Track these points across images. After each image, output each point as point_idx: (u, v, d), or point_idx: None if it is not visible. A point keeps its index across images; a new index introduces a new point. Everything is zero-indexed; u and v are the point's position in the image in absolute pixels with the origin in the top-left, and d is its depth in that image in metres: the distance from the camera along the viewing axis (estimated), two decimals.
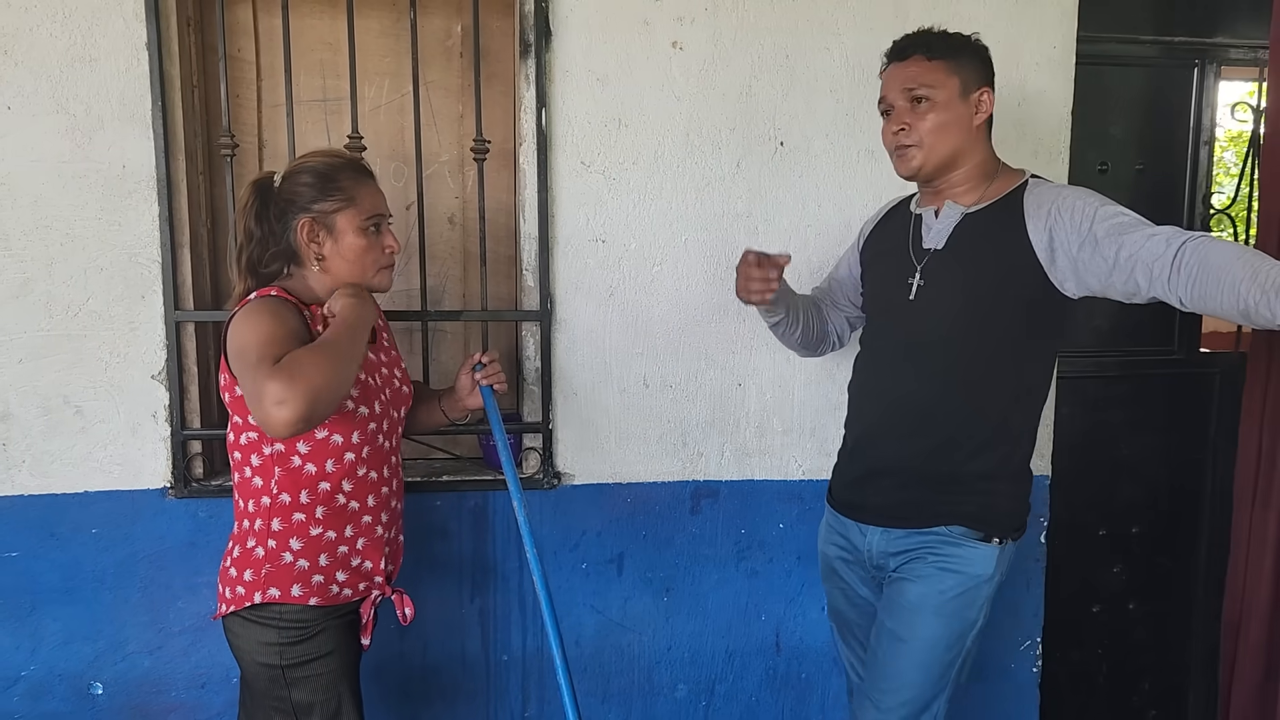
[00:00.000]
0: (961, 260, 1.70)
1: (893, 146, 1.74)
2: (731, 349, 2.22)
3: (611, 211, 2.15)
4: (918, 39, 1.72)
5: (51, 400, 2.01)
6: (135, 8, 1.94)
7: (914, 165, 1.72)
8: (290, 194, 1.64)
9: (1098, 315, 2.58)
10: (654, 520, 2.25)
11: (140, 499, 2.07)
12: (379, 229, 1.69)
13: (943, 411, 1.71)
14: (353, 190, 1.65)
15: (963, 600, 1.71)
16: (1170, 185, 2.59)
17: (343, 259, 1.65)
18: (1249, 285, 1.36)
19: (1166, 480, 2.71)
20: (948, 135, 1.69)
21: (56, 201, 1.97)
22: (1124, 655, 2.76)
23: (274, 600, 1.60)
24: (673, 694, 2.32)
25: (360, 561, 1.68)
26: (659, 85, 2.12)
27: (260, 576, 1.61)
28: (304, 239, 1.63)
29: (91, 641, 2.09)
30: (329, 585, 1.64)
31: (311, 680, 1.62)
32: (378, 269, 1.69)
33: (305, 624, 1.62)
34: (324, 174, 1.64)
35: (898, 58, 1.73)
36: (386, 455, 1.73)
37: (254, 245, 1.66)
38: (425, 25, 2.19)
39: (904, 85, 1.70)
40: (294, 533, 1.62)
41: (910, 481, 1.75)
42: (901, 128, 1.71)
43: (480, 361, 1.90)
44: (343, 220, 1.64)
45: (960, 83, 1.68)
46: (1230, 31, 2.51)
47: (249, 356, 1.47)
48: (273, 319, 1.52)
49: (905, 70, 1.70)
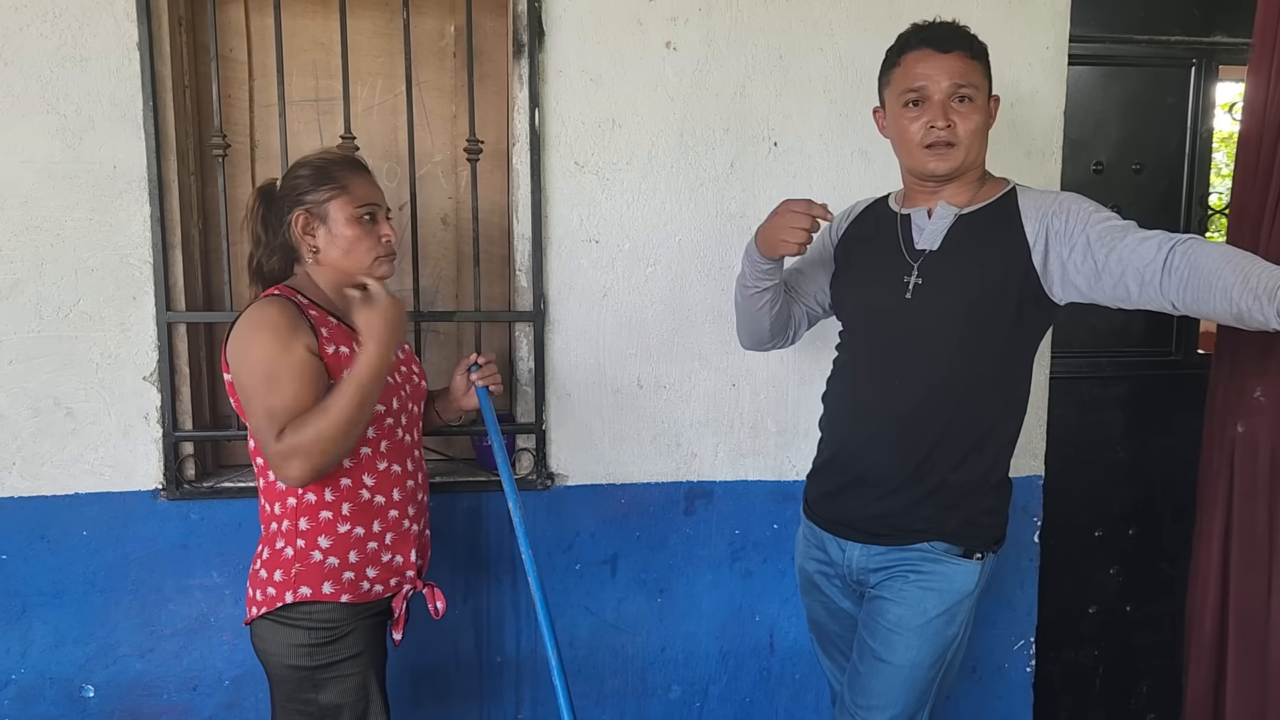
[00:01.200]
0: (958, 261, 1.66)
1: (926, 141, 1.64)
2: (725, 349, 2.21)
3: (605, 212, 2.14)
4: (957, 32, 1.64)
5: (42, 402, 2.01)
6: (126, 7, 1.94)
7: (955, 163, 1.64)
8: (286, 190, 1.66)
9: (1093, 316, 2.56)
10: (648, 521, 2.25)
11: (131, 501, 2.06)
12: (374, 218, 1.67)
13: (933, 418, 1.66)
14: (345, 180, 1.65)
15: (944, 618, 1.68)
16: (1167, 186, 2.59)
17: (337, 249, 1.64)
18: (1241, 290, 1.35)
19: (1164, 482, 2.70)
20: (982, 138, 1.66)
21: (47, 202, 1.96)
22: (1122, 657, 2.75)
23: (305, 599, 1.60)
24: (667, 695, 2.32)
25: (390, 556, 1.69)
26: (652, 85, 2.12)
27: (290, 576, 1.60)
28: (299, 231, 1.64)
29: (82, 644, 2.08)
30: (360, 581, 1.64)
31: (340, 681, 1.62)
32: (374, 259, 1.67)
33: (335, 624, 1.61)
34: (319, 167, 1.66)
35: (939, 47, 1.62)
36: (409, 449, 1.74)
37: (263, 251, 1.68)
38: (418, 25, 2.18)
39: (953, 78, 1.61)
40: (322, 530, 1.62)
41: (894, 492, 1.69)
42: (949, 124, 1.61)
43: (476, 363, 1.89)
44: (335, 209, 1.64)
45: (988, 87, 1.66)
46: (1226, 30, 2.50)
47: (249, 389, 1.53)
48: (274, 340, 1.53)
49: (951, 63, 1.61)
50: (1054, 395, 2.39)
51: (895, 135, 1.72)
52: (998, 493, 1.74)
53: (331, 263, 1.66)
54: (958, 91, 1.62)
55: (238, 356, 1.57)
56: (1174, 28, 2.50)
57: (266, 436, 1.52)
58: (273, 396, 1.52)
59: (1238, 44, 2.50)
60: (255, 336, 1.54)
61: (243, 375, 1.55)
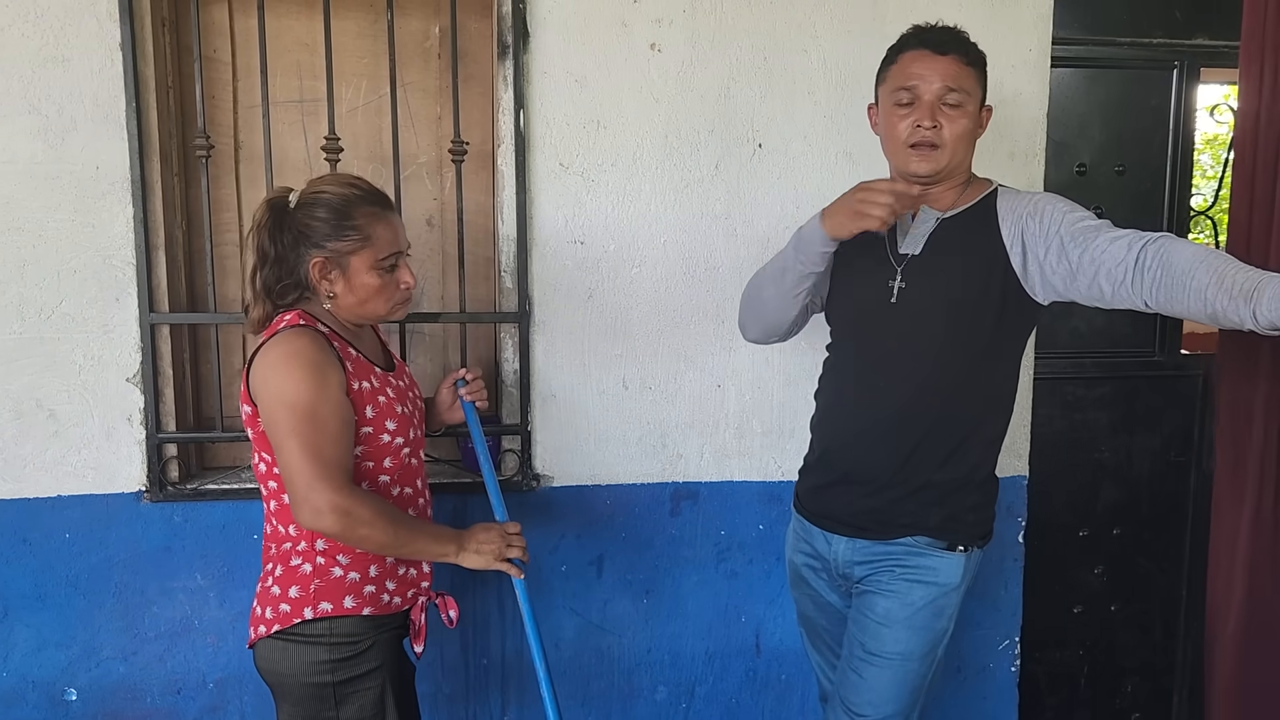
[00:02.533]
0: (941, 265, 1.68)
1: (912, 140, 1.65)
2: (711, 350, 2.22)
3: (590, 213, 2.14)
4: (956, 36, 1.65)
5: (24, 404, 1.99)
6: (109, 8, 1.93)
7: (937, 165, 1.65)
8: (304, 226, 1.58)
9: (1077, 316, 2.59)
10: (633, 522, 2.25)
11: (115, 503, 2.05)
12: (395, 266, 1.64)
13: (917, 418, 1.69)
14: (369, 228, 1.59)
15: (931, 610, 1.70)
16: (1150, 187, 2.60)
17: (355, 297, 1.61)
18: (1215, 291, 1.37)
19: (1148, 482, 2.71)
20: (966, 144, 1.67)
21: (28, 203, 1.95)
22: (1107, 656, 2.76)
23: (326, 615, 1.57)
24: (653, 696, 2.32)
25: (406, 569, 1.69)
26: (637, 87, 2.12)
27: (309, 592, 1.58)
28: (316, 276, 1.59)
29: (64, 648, 2.07)
30: (380, 594, 1.63)
31: (360, 696, 1.60)
32: (392, 305, 1.66)
33: (356, 639, 1.60)
34: (339, 209, 1.58)
35: (935, 49, 1.63)
36: (417, 470, 1.75)
37: (269, 267, 1.60)
38: (403, 26, 2.18)
39: (945, 81, 1.62)
40: (341, 549, 1.60)
41: (880, 490, 1.72)
42: (936, 124, 1.63)
43: (464, 378, 1.89)
44: (357, 261, 1.58)
45: (981, 95, 1.67)
46: (1208, 33, 2.52)
47: (287, 425, 1.49)
48: (313, 376, 1.50)
49: (945, 66, 1.62)
50: (1038, 396, 2.40)
51: (884, 132, 1.73)
52: (982, 490, 1.76)
53: (346, 307, 1.63)
54: (948, 94, 1.63)
55: (271, 388, 1.51)
56: (1156, 30, 2.51)
57: (309, 477, 1.47)
58: (319, 437, 1.49)
59: (1219, 46, 2.51)
60: (291, 371, 1.50)
61: (278, 410, 1.50)
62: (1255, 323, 1.34)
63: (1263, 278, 1.34)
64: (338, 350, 1.57)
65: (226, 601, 2.11)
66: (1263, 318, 1.33)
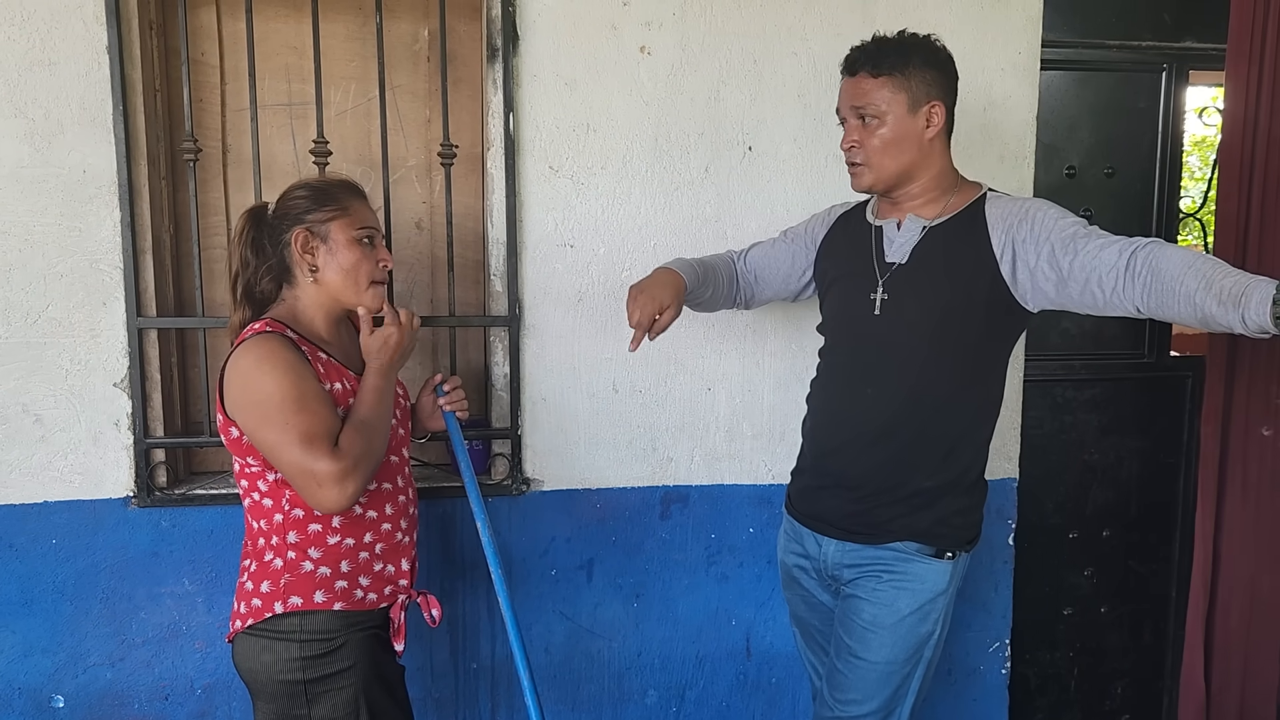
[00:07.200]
0: (926, 274, 1.69)
1: (847, 161, 1.75)
2: (701, 354, 2.21)
3: (580, 216, 2.14)
4: (865, 53, 1.68)
5: (10, 409, 1.98)
6: (96, 11, 1.92)
7: (865, 183, 1.73)
8: (284, 209, 1.67)
9: (1067, 319, 2.59)
10: (624, 526, 2.24)
11: (102, 509, 2.04)
12: (372, 242, 1.70)
13: (904, 425, 1.70)
14: (346, 202, 1.67)
15: (917, 616, 1.72)
16: (1139, 190, 2.61)
17: (337, 268, 1.65)
18: (1204, 295, 1.37)
19: (1138, 484, 2.72)
20: (896, 152, 1.68)
21: (15, 207, 1.94)
22: (1097, 658, 2.77)
23: (295, 609, 1.58)
24: (643, 700, 2.31)
25: (382, 566, 1.68)
26: (627, 90, 2.12)
27: (279, 587, 1.59)
28: (298, 249, 1.64)
29: (51, 654, 2.05)
30: (353, 590, 1.63)
31: (333, 695, 1.60)
32: (369, 282, 1.69)
33: (328, 636, 1.59)
34: (318, 188, 1.68)
35: (847, 72, 1.71)
36: (398, 467, 1.75)
37: (249, 273, 1.67)
38: (391, 29, 2.18)
39: (850, 101, 1.69)
40: (312, 542, 1.61)
41: (868, 495, 1.74)
42: (852, 145, 1.71)
43: (441, 388, 1.89)
44: (336, 229, 1.65)
45: (908, 98, 1.65)
46: (1197, 36, 2.53)
47: (272, 419, 1.50)
48: (287, 371, 1.52)
49: (851, 86, 1.70)
50: (1028, 398, 2.40)
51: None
52: (970, 494, 1.77)
53: (328, 283, 1.66)
54: (857, 113, 1.69)
55: (248, 390, 1.53)
56: (1145, 33, 2.52)
57: (309, 459, 1.49)
58: (306, 418, 1.50)
59: (1208, 49, 2.52)
60: (264, 367, 1.52)
61: (261, 407, 1.51)
62: (1244, 326, 1.35)
63: (1250, 282, 1.34)
64: (306, 354, 1.59)
65: (214, 607, 2.09)
66: (1251, 321, 1.33)
